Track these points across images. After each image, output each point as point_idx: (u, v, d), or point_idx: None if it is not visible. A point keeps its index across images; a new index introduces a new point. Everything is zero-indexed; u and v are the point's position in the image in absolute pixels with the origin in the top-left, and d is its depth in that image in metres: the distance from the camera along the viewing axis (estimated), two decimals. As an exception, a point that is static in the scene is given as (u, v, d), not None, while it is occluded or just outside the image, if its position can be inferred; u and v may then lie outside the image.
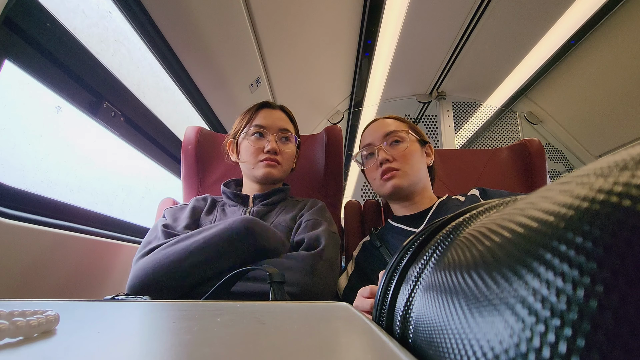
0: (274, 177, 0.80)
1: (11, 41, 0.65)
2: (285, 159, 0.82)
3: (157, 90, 1.18)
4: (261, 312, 0.26)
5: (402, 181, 0.78)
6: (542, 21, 1.73)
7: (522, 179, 1.09)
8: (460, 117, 2.41)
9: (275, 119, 0.83)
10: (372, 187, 0.87)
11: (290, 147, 0.84)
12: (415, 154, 0.82)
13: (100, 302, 0.33)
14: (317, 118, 2.34)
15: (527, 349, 0.10)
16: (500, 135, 2.43)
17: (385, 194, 0.81)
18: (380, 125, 0.86)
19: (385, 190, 0.80)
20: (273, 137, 0.80)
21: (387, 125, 0.84)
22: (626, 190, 0.10)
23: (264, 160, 0.79)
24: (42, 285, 0.67)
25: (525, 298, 0.10)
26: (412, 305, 0.19)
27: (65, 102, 0.80)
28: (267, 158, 0.79)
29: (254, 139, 0.81)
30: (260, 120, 0.82)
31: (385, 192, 0.81)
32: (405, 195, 0.81)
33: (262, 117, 0.83)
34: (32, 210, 0.69)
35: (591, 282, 0.09)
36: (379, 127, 0.85)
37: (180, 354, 0.16)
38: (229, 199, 0.81)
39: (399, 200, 0.83)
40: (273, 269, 0.55)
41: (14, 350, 0.16)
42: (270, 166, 0.79)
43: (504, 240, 0.13)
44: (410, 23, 1.70)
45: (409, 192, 0.80)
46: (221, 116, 1.51)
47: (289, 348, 0.17)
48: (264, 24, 1.30)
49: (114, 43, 0.96)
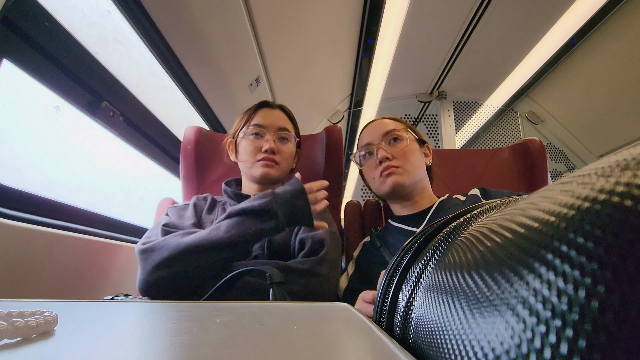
0: (272, 177, 0.80)
1: (10, 40, 0.65)
2: (283, 158, 0.82)
3: (157, 90, 1.18)
4: (261, 313, 0.26)
5: (402, 178, 0.78)
6: (543, 20, 1.73)
7: (523, 179, 1.09)
8: (461, 116, 2.41)
9: (274, 118, 0.83)
10: (370, 187, 0.87)
11: (289, 147, 0.84)
12: (414, 153, 0.82)
13: (99, 303, 0.32)
14: (317, 118, 2.34)
15: (529, 349, 0.10)
16: (501, 135, 2.43)
17: (385, 191, 0.81)
18: (378, 124, 0.86)
19: (386, 187, 0.79)
20: (271, 137, 0.80)
21: (385, 125, 0.84)
22: (627, 190, 0.09)
23: (261, 160, 0.78)
24: (40, 285, 0.67)
25: (527, 299, 0.10)
26: (413, 305, 0.19)
27: (64, 101, 0.80)
28: (265, 158, 0.78)
29: (253, 138, 0.81)
30: (258, 119, 0.82)
31: (385, 190, 0.80)
32: (406, 194, 0.81)
33: (260, 117, 0.83)
34: (30, 210, 0.69)
35: (592, 282, 0.09)
36: (378, 127, 0.85)
37: (180, 355, 0.16)
38: (229, 198, 0.80)
39: (398, 200, 0.83)
40: (273, 270, 0.55)
41: (12, 352, 0.16)
42: (267, 166, 0.78)
43: (505, 240, 0.13)
44: (410, 22, 1.70)
45: (409, 190, 0.80)
46: (221, 116, 1.51)
47: (288, 349, 0.17)
48: (264, 23, 1.30)
49: (112, 42, 0.96)
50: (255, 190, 0.82)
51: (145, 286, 0.58)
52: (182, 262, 0.57)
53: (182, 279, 0.57)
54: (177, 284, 0.57)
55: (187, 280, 0.57)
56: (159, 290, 0.57)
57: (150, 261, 0.58)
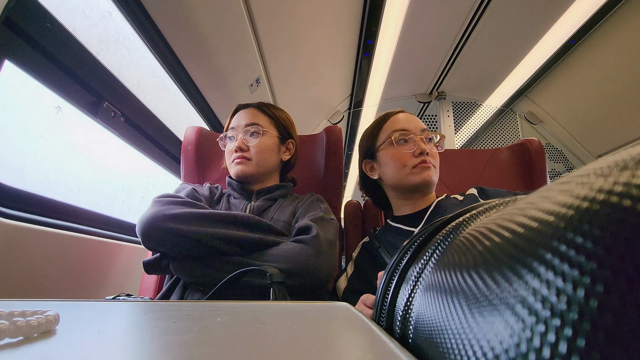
0: (246, 174, 0.81)
1: (11, 41, 0.65)
2: (255, 152, 0.81)
3: (157, 90, 1.18)
4: (261, 312, 0.26)
5: (434, 177, 0.80)
6: (542, 21, 1.73)
7: (522, 179, 1.09)
8: (460, 117, 2.41)
9: (242, 117, 0.84)
10: (390, 172, 0.82)
11: (261, 140, 0.82)
12: (438, 156, 0.85)
13: (100, 302, 0.33)
14: (317, 118, 2.34)
15: (528, 349, 0.10)
16: (500, 135, 2.43)
17: (414, 182, 0.79)
18: (414, 118, 0.87)
19: (417, 179, 0.78)
20: (240, 136, 0.82)
21: (420, 121, 0.86)
22: (626, 190, 0.10)
23: (234, 160, 0.81)
24: (42, 285, 0.67)
25: (526, 298, 0.10)
26: (412, 305, 0.19)
27: (66, 102, 0.80)
28: (236, 157, 0.81)
29: (228, 141, 0.86)
30: (232, 123, 0.85)
31: (414, 181, 0.79)
32: (422, 191, 0.82)
33: (234, 120, 0.86)
34: (32, 210, 0.69)
35: (591, 282, 0.09)
36: (415, 120, 0.85)
37: (180, 354, 0.16)
38: (234, 191, 0.83)
39: (411, 194, 0.82)
40: (273, 269, 0.55)
41: (14, 350, 0.16)
42: (240, 164, 0.80)
43: (504, 240, 0.13)
44: (410, 23, 1.70)
45: (432, 188, 0.82)
46: (221, 116, 1.51)
47: (288, 348, 0.17)
48: (264, 24, 1.30)
49: (114, 43, 0.96)
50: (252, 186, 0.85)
51: (153, 231, 0.61)
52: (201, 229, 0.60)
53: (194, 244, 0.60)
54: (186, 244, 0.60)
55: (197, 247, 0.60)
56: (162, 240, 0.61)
57: (172, 209, 0.62)
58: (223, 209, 0.77)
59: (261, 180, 0.84)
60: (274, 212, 0.77)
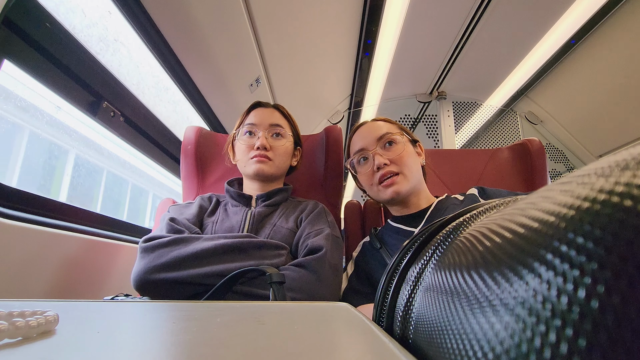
0: (265, 173, 0.79)
1: (10, 41, 0.65)
2: (276, 154, 0.81)
3: (157, 90, 1.18)
4: (261, 312, 0.26)
5: (402, 186, 0.76)
6: (543, 21, 1.73)
7: (522, 179, 1.09)
8: (461, 117, 2.41)
9: (266, 116, 0.83)
10: (368, 193, 0.85)
11: (283, 143, 0.83)
12: (411, 156, 0.80)
13: (99, 303, 0.32)
14: (317, 118, 2.34)
15: (529, 349, 0.10)
16: (500, 135, 2.43)
17: (385, 199, 0.80)
18: (370, 127, 0.83)
19: (386, 196, 0.78)
20: (263, 134, 0.80)
21: (378, 128, 0.81)
22: (627, 190, 0.09)
23: (254, 157, 0.79)
24: (41, 285, 0.67)
25: (526, 298, 0.10)
26: (413, 305, 0.19)
27: (65, 101, 0.80)
28: (257, 154, 0.79)
29: (246, 137, 0.82)
30: (251, 119, 0.83)
31: (385, 198, 0.79)
32: (404, 199, 0.80)
33: (253, 116, 0.84)
34: (31, 210, 0.69)
35: (592, 282, 0.09)
36: (371, 130, 0.82)
37: (180, 354, 0.16)
38: (231, 199, 0.80)
39: (397, 204, 0.83)
40: (273, 269, 0.55)
41: (13, 351, 0.16)
42: (260, 162, 0.78)
43: (504, 240, 0.13)
44: (410, 23, 1.70)
45: (408, 195, 0.79)
46: (221, 116, 1.51)
47: (288, 348, 0.17)
48: (264, 23, 1.30)
49: (113, 43, 0.96)
50: (256, 189, 0.82)
51: (147, 285, 0.58)
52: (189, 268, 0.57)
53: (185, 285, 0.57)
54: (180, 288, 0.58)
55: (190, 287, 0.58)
56: (159, 290, 0.58)
57: (158, 259, 0.59)
58: (219, 221, 0.74)
59: (272, 182, 0.83)
60: (277, 218, 0.75)
